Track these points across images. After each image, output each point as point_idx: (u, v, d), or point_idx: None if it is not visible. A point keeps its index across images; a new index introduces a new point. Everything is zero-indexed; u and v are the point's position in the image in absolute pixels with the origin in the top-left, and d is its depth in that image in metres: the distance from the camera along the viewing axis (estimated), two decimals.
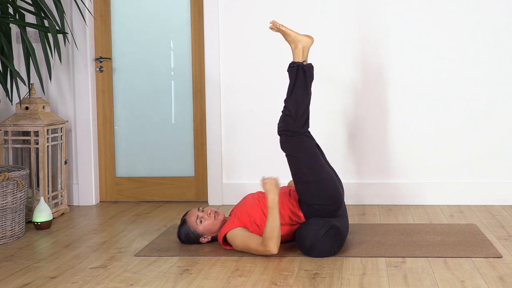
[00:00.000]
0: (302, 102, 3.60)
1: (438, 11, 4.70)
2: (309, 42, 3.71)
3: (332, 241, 3.39)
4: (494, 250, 3.47)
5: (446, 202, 4.75)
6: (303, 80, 3.63)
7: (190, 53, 5.01)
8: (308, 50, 3.73)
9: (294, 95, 3.61)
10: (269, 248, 3.34)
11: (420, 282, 2.98)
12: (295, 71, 3.64)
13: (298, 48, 3.70)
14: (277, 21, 3.79)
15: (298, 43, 3.70)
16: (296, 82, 3.63)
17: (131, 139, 5.12)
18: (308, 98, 3.63)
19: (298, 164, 3.55)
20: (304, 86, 3.62)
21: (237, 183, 4.91)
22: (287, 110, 3.61)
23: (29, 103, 4.59)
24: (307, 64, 3.68)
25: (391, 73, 4.75)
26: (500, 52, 4.66)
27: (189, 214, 3.69)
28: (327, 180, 3.52)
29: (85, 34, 4.94)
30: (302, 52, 3.70)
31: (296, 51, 3.71)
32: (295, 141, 3.58)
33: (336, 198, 3.52)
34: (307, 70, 3.65)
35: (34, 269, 3.32)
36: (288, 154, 3.59)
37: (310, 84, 3.66)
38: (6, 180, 3.89)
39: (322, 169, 3.54)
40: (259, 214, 3.53)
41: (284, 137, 3.60)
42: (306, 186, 3.51)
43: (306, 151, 3.56)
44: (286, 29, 3.72)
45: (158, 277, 3.14)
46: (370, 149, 4.80)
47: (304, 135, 3.60)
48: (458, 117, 4.73)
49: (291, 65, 3.67)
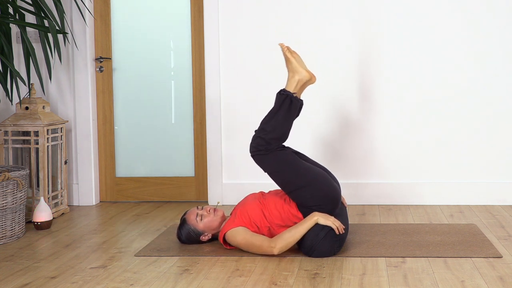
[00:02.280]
0: (279, 131, 3.55)
1: (440, 9, 4.70)
2: (307, 77, 3.63)
3: (332, 242, 3.39)
4: (494, 250, 3.47)
5: (446, 202, 4.75)
6: (287, 110, 3.57)
7: (190, 53, 5.01)
8: (304, 85, 3.66)
9: (274, 121, 3.56)
10: (275, 247, 3.35)
11: (420, 282, 2.98)
12: (283, 99, 3.58)
13: (294, 78, 3.63)
14: (284, 45, 3.70)
15: (295, 74, 3.63)
16: (280, 110, 3.57)
17: (131, 139, 5.12)
18: (286, 129, 3.57)
19: (283, 176, 3.53)
20: (286, 116, 3.57)
21: (237, 183, 4.92)
22: (262, 132, 3.55)
23: (29, 103, 4.59)
24: (296, 97, 3.61)
25: (391, 72, 4.75)
26: (501, 52, 4.66)
27: (188, 213, 3.69)
28: (316, 180, 3.52)
29: (85, 34, 4.94)
30: (296, 83, 3.63)
31: (291, 80, 3.64)
32: (271, 158, 3.55)
33: (331, 195, 3.52)
34: (294, 102, 3.58)
35: (34, 269, 3.32)
36: (270, 172, 3.56)
37: (292, 117, 3.59)
38: (6, 180, 3.89)
39: (308, 172, 3.53)
40: (259, 215, 3.53)
41: (258, 157, 3.56)
42: (298, 193, 3.50)
43: (285, 162, 3.54)
44: (290, 57, 3.65)
45: (158, 277, 3.14)
46: (370, 149, 4.80)
47: (276, 150, 3.56)
48: (458, 117, 4.73)
49: (281, 91, 3.61)
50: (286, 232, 3.41)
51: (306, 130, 4.83)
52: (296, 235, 3.39)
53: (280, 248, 3.37)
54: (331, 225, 3.37)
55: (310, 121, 4.82)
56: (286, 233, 3.40)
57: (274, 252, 3.36)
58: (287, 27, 4.80)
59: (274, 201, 3.57)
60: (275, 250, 3.36)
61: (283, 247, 3.38)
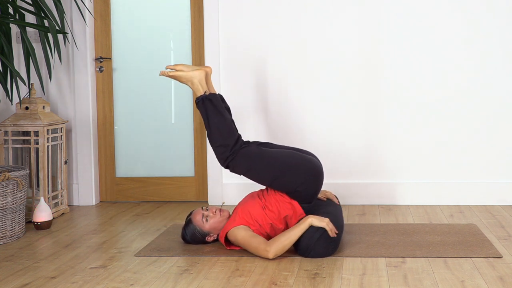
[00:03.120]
0: (223, 129, 3.59)
1: (439, 9, 4.70)
2: (202, 73, 3.68)
3: (327, 243, 3.40)
4: (494, 250, 3.47)
5: (446, 202, 4.75)
6: (213, 109, 3.61)
7: (190, 53, 5.01)
8: (207, 80, 3.70)
9: (212, 125, 3.60)
10: (270, 251, 3.35)
11: (420, 282, 2.98)
12: (202, 105, 3.63)
13: (195, 83, 3.68)
14: (165, 71, 3.72)
15: (192, 79, 3.68)
16: (208, 113, 3.61)
17: (131, 139, 5.12)
18: (227, 122, 3.61)
19: (257, 172, 3.56)
20: (218, 115, 3.61)
21: (237, 183, 4.91)
22: (214, 143, 3.60)
23: (29, 103, 4.59)
24: (210, 93, 3.65)
25: (391, 72, 4.75)
26: (501, 52, 4.66)
27: (194, 213, 3.69)
28: (287, 162, 3.53)
29: (85, 34, 4.94)
30: (200, 85, 3.68)
31: (194, 87, 3.69)
32: (239, 160, 3.57)
33: (308, 170, 3.53)
34: (212, 98, 3.63)
35: (34, 269, 3.32)
36: (244, 172, 3.59)
37: (223, 110, 3.63)
38: (6, 180, 3.89)
39: (277, 158, 3.55)
40: (261, 213, 3.54)
41: (230, 164, 3.60)
42: (278, 183, 3.53)
43: (252, 158, 3.56)
44: (173, 74, 3.69)
45: (158, 277, 3.14)
46: (370, 149, 4.80)
47: (241, 149, 3.59)
48: (458, 117, 4.73)
49: (196, 101, 3.66)
50: (281, 235, 3.41)
51: (306, 130, 4.83)
52: (291, 238, 3.39)
53: (275, 251, 3.36)
54: (325, 227, 3.38)
55: (310, 121, 4.82)
56: (281, 237, 3.40)
57: (269, 256, 3.36)
58: (287, 27, 4.80)
59: (275, 197, 3.58)
60: (270, 254, 3.36)
61: (278, 250, 3.37)
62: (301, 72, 4.80)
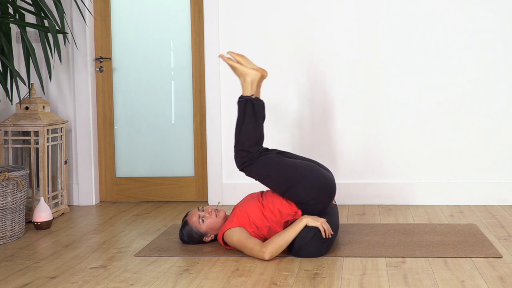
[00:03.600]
0: (253, 136, 3.56)
1: (440, 9, 4.70)
2: (258, 75, 3.62)
3: (319, 243, 3.39)
4: (494, 250, 3.47)
5: (446, 202, 4.75)
6: (252, 114, 3.57)
7: (190, 53, 5.01)
8: (258, 83, 3.64)
9: (245, 128, 3.57)
10: (266, 252, 3.34)
11: (420, 282, 2.98)
12: (243, 105, 3.59)
13: (247, 81, 3.62)
14: (224, 55, 3.69)
15: (246, 77, 3.62)
16: (245, 116, 3.58)
17: (131, 139, 5.12)
18: (258, 133, 3.57)
19: (272, 180, 3.54)
20: (254, 121, 3.57)
21: (237, 183, 4.92)
22: (239, 145, 3.57)
23: (29, 103, 4.59)
24: (256, 98, 3.61)
25: (391, 73, 4.75)
26: (502, 52, 4.66)
27: (190, 214, 3.69)
28: (306, 175, 3.52)
29: (85, 34, 4.94)
30: (250, 85, 3.62)
31: (244, 84, 3.63)
32: (257, 166, 3.56)
33: (323, 186, 3.53)
34: (256, 104, 3.58)
35: (34, 269, 3.32)
36: (259, 178, 3.58)
37: (260, 118, 3.59)
38: (6, 180, 3.89)
39: (295, 169, 3.54)
40: (259, 215, 3.53)
41: (246, 169, 3.58)
42: (291, 192, 3.51)
43: (271, 166, 3.55)
44: (232, 63, 3.64)
45: (158, 277, 3.14)
46: (370, 149, 4.80)
47: (260, 156, 3.57)
48: (458, 117, 4.73)
49: (240, 98, 3.62)
50: (276, 236, 3.41)
51: (306, 130, 4.83)
52: (286, 238, 3.38)
53: (271, 252, 3.35)
54: (320, 227, 3.38)
55: (310, 121, 4.82)
56: (276, 238, 3.39)
57: (265, 257, 3.35)
58: (288, 27, 4.80)
59: (273, 200, 3.57)
60: (266, 255, 3.35)
61: (274, 251, 3.36)
62: (301, 72, 4.80)
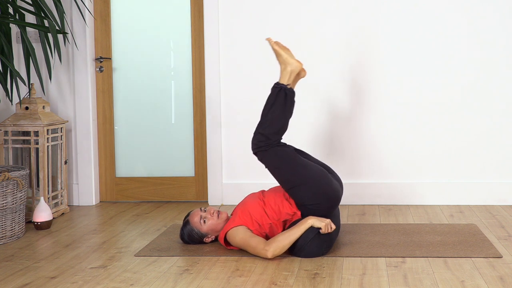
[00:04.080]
0: (277, 124, 3.59)
1: (441, 7, 4.70)
2: (299, 67, 3.65)
3: (320, 243, 3.40)
4: (494, 250, 3.47)
5: (446, 202, 4.75)
6: (282, 103, 3.60)
7: (190, 53, 5.01)
8: (297, 76, 3.68)
9: (271, 114, 3.59)
10: (269, 250, 3.34)
11: (420, 282, 2.98)
12: (277, 92, 3.62)
13: (287, 70, 3.66)
14: (272, 39, 3.73)
15: (287, 65, 3.65)
16: (275, 102, 3.60)
17: (131, 139, 5.12)
18: (283, 123, 3.60)
19: (281, 173, 3.56)
20: (282, 109, 3.60)
21: (237, 183, 4.92)
22: (261, 127, 3.60)
23: (29, 103, 4.59)
24: (290, 88, 3.64)
25: (391, 72, 4.75)
26: (502, 53, 4.66)
27: (192, 214, 3.69)
28: (315, 178, 3.53)
29: (85, 34, 4.94)
30: (289, 75, 3.65)
31: (284, 73, 3.66)
32: (271, 154, 3.58)
33: (329, 194, 3.52)
34: (288, 94, 3.61)
35: (34, 269, 3.32)
36: (270, 168, 3.59)
37: (288, 109, 3.62)
38: (6, 180, 3.89)
39: (306, 170, 3.54)
40: (260, 213, 3.54)
41: (260, 154, 3.60)
42: (296, 191, 3.52)
43: (284, 158, 3.56)
44: (278, 49, 3.68)
45: (158, 277, 3.14)
46: (370, 149, 4.80)
47: (277, 146, 3.59)
48: (458, 117, 4.73)
49: (275, 85, 3.65)
50: (280, 235, 3.41)
51: (306, 130, 4.83)
52: (290, 238, 3.38)
53: (274, 251, 3.35)
54: (324, 228, 3.38)
55: (310, 120, 4.82)
56: (280, 236, 3.40)
57: (268, 256, 3.35)
58: (288, 27, 4.80)
59: (274, 197, 3.58)
60: (269, 253, 3.35)
61: (277, 250, 3.36)
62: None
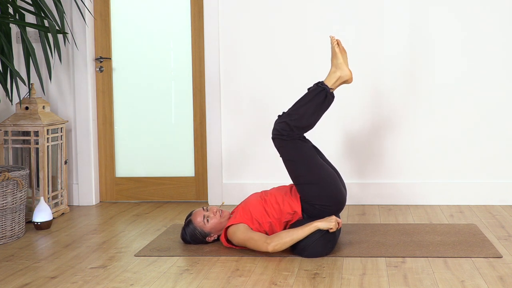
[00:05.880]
0: (306, 120, 3.57)
1: (440, 9, 4.70)
2: (348, 76, 3.63)
3: (325, 243, 3.40)
4: (494, 250, 3.47)
5: (446, 202, 4.75)
6: (319, 103, 3.58)
7: (190, 53, 5.01)
8: (342, 83, 3.66)
9: (304, 109, 3.56)
10: (270, 243, 3.34)
11: (420, 282, 2.98)
12: (319, 91, 3.59)
13: (336, 74, 3.64)
14: (335, 38, 3.70)
15: (338, 70, 3.64)
16: (313, 100, 3.58)
17: (131, 139, 5.12)
18: (311, 122, 3.58)
19: (296, 167, 3.55)
20: (316, 109, 3.58)
21: (237, 183, 4.92)
22: (288, 117, 3.56)
23: (29, 103, 4.59)
24: (332, 93, 3.63)
25: (390, 73, 4.75)
26: (503, 53, 4.66)
27: (195, 214, 3.69)
28: (327, 180, 3.53)
29: (85, 34, 4.94)
30: (336, 80, 3.63)
31: (332, 75, 3.64)
32: (290, 146, 3.57)
33: (337, 198, 3.54)
34: (328, 97, 3.60)
35: (34, 269, 3.32)
36: (285, 158, 3.58)
37: (322, 111, 3.60)
38: (6, 180, 3.89)
39: (320, 170, 3.55)
40: (261, 211, 3.54)
41: (279, 141, 3.58)
42: (307, 188, 3.52)
43: (302, 154, 3.56)
44: (337, 52, 3.65)
45: (158, 277, 3.14)
46: (370, 149, 4.80)
47: (298, 139, 3.58)
48: (458, 117, 4.73)
49: (319, 84, 3.62)
50: (284, 231, 3.41)
51: None
52: (293, 237, 3.38)
53: (275, 245, 3.35)
54: (333, 227, 3.39)
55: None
56: (283, 233, 3.40)
57: (268, 249, 3.35)
58: (288, 27, 4.80)
59: (276, 196, 3.60)
60: (270, 247, 3.34)
61: (278, 245, 3.35)
62: (302, 72, 4.80)
